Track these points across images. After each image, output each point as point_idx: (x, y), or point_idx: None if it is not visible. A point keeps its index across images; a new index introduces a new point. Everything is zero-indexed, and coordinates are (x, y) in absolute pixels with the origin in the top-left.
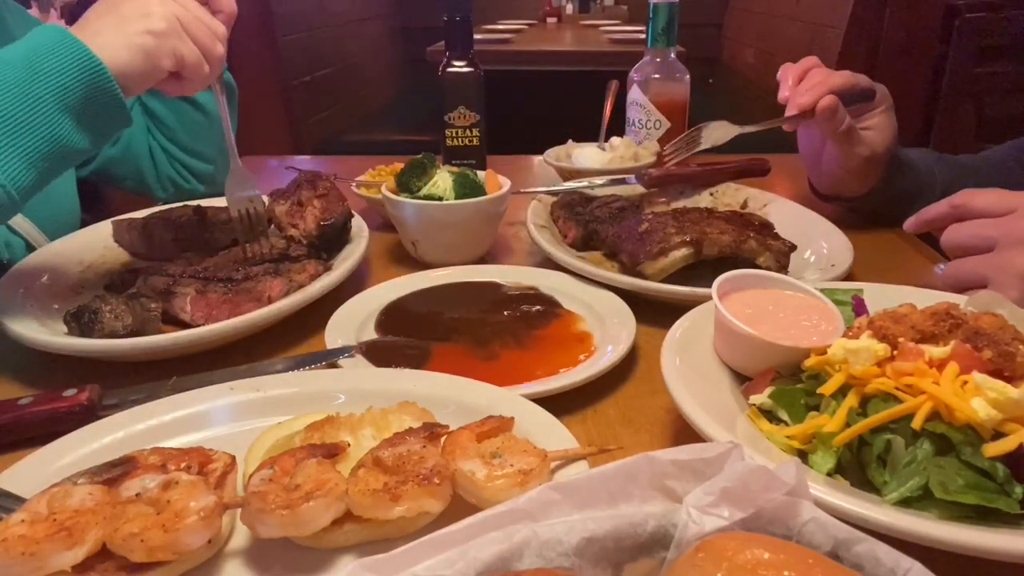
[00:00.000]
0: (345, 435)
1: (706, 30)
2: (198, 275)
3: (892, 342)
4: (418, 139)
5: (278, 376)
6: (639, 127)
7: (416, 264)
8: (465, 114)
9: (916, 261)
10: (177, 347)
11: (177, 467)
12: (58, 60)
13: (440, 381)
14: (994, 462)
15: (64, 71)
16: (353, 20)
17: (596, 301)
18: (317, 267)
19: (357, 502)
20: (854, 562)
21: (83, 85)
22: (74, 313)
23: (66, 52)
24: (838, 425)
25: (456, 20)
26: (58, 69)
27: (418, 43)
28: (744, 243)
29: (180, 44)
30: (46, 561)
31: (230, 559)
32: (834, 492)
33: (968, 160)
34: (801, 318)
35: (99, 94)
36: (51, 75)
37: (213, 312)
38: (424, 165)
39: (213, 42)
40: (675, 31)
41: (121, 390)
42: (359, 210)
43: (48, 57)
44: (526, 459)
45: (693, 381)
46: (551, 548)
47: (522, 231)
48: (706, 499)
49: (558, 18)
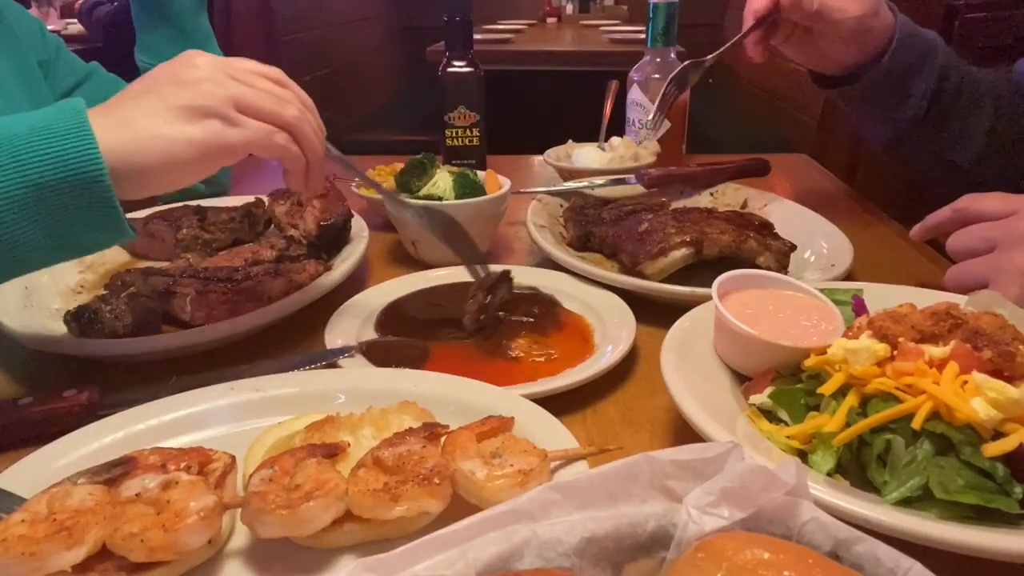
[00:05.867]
0: (345, 435)
1: (706, 30)
2: (198, 275)
3: (892, 342)
4: (418, 139)
5: (278, 376)
6: (639, 127)
7: (416, 264)
8: (465, 114)
9: (916, 261)
10: (177, 347)
11: (177, 467)
12: (47, 146)
13: (440, 381)
14: (994, 462)
15: (45, 163)
16: (353, 20)
17: (596, 301)
18: (317, 267)
19: (357, 502)
20: (854, 562)
21: (67, 184)
22: (74, 313)
23: (63, 140)
24: (838, 425)
25: (456, 20)
26: (39, 159)
27: (418, 43)
28: (744, 243)
29: (235, 129)
30: (46, 561)
31: (230, 559)
32: (834, 492)
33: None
34: (801, 318)
35: (88, 198)
36: (29, 166)
37: (213, 312)
38: (424, 165)
39: (284, 108)
40: (675, 31)
41: (121, 390)
42: (359, 210)
43: (37, 141)
44: (526, 459)
45: (693, 381)
46: (551, 548)
47: (522, 231)
48: (706, 499)
49: (558, 18)
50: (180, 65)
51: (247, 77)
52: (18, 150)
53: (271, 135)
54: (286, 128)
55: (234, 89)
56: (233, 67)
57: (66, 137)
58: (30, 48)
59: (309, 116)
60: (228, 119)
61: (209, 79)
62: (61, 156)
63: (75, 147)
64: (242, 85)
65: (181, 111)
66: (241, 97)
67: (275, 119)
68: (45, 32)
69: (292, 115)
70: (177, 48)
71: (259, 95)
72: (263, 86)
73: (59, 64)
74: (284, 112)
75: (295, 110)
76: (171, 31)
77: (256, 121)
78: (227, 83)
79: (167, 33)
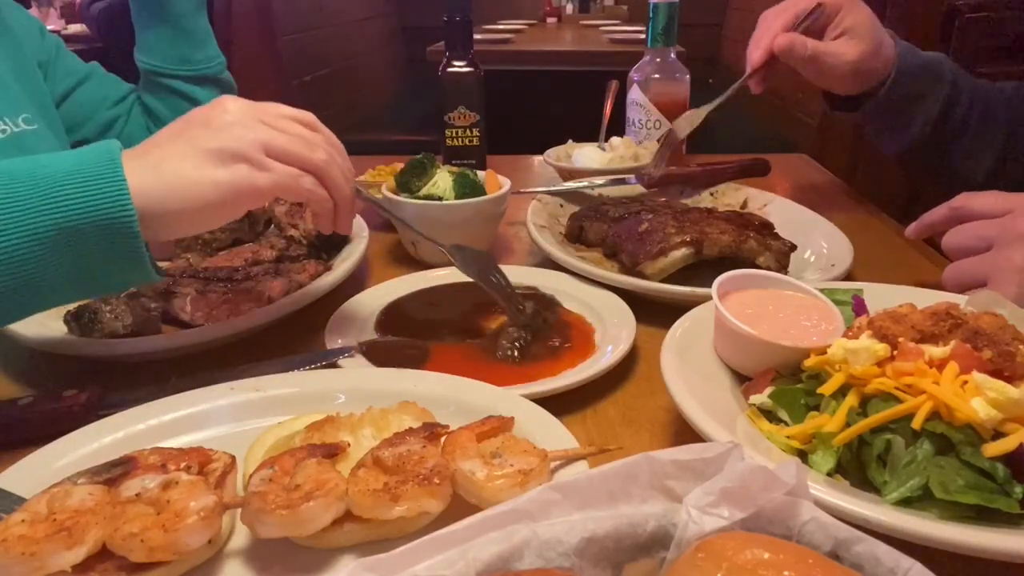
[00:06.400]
0: (345, 435)
1: (706, 30)
2: (198, 275)
3: (892, 342)
4: (418, 139)
5: (278, 376)
6: (639, 127)
7: (416, 264)
8: (465, 114)
9: (916, 261)
10: (177, 347)
11: (177, 467)
12: (79, 190)
13: (440, 381)
14: (994, 462)
15: (76, 206)
16: (353, 20)
17: (596, 301)
18: (317, 267)
19: (357, 502)
20: (854, 562)
21: (96, 228)
22: (74, 313)
23: (95, 184)
24: (838, 425)
25: (456, 20)
26: (70, 203)
27: (418, 43)
28: (744, 243)
29: (263, 174)
30: (46, 561)
31: (230, 559)
32: (834, 492)
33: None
34: (801, 318)
35: (115, 242)
36: (60, 208)
37: (213, 312)
38: (424, 165)
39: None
40: (675, 31)
41: (121, 390)
42: (359, 210)
43: (69, 183)
44: (526, 459)
45: (693, 381)
46: (551, 548)
47: (522, 231)
48: (706, 499)
49: (558, 18)
50: (212, 110)
51: (277, 122)
52: (50, 192)
53: (298, 179)
54: (313, 172)
55: (263, 133)
56: (264, 111)
57: (99, 181)
58: (30, 48)
59: (338, 158)
60: (256, 163)
61: (239, 123)
62: (93, 201)
63: (107, 192)
64: (271, 129)
65: (210, 155)
66: (270, 141)
67: (303, 163)
68: (45, 32)
69: (320, 159)
70: (177, 48)
71: (288, 139)
72: (293, 130)
73: (59, 64)
74: (312, 156)
75: (323, 153)
76: (171, 31)
77: (284, 165)
78: (256, 127)
79: (167, 33)
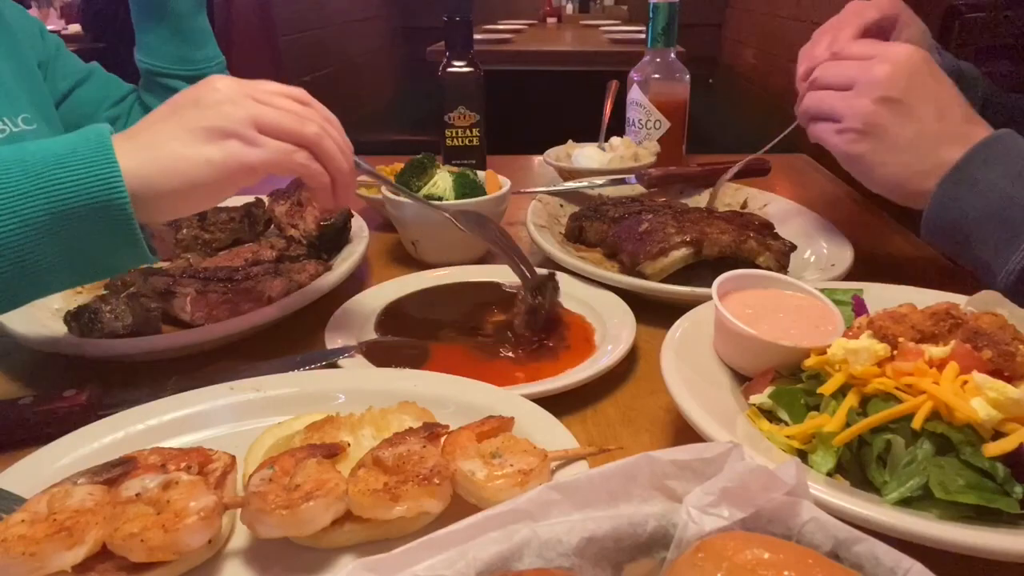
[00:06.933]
0: (345, 435)
1: (706, 30)
2: (198, 275)
3: (892, 342)
4: (418, 139)
5: (278, 376)
6: (639, 127)
7: (416, 264)
8: (465, 114)
9: (916, 261)
10: (177, 347)
11: (177, 467)
12: (71, 173)
13: (440, 381)
14: (994, 462)
15: (68, 189)
16: (353, 20)
17: (596, 301)
18: (317, 267)
19: (357, 502)
20: (854, 562)
21: (89, 211)
22: (74, 313)
23: (86, 167)
24: (838, 425)
25: (456, 20)
26: (63, 186)
27: (418, 43)
28: (744, 243)
29: (255, 151)
30: (46, 561)
31: (230, 559)
32: (834, 492)
33: None
34: (801, 318)
35: (109, 224)
36: (52, 192)
37: (213, 312)
38: (424, 165)
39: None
40: (675, 31)
41: (121, 390)
42: (359, 210)
43: (61, 168)
44: (526, 459)
45: (693, 381)
46: (551, 548)
47: (522, 231)
48: (706, 499)
49: (558, 18)
50: (202, 88)
51: (268, 97)
52: (42, 176)
53: (290, 154)
54: (306, 146)
55: (253, 109)
56: (254, 88)
57: (90, 164)
58: (30, 48)
59: (333, 132)
60: (247, 139)
61: (229, 100)
62: (84, 183)
63: (98, 174)
64: (262, 105)
65: (201, 133)
66: (260, 116)
67: (295, 137)
68: (45, 32)
69: (312, 132)
70: (177, 48)
71: (278, 114)
72: (284, 105)
73: (59, 64)
74: (304, 130)
75: (315, 127)
76: (170, 31)
77: (275, 140)
78: (246, 104)
79: (166, 33)
